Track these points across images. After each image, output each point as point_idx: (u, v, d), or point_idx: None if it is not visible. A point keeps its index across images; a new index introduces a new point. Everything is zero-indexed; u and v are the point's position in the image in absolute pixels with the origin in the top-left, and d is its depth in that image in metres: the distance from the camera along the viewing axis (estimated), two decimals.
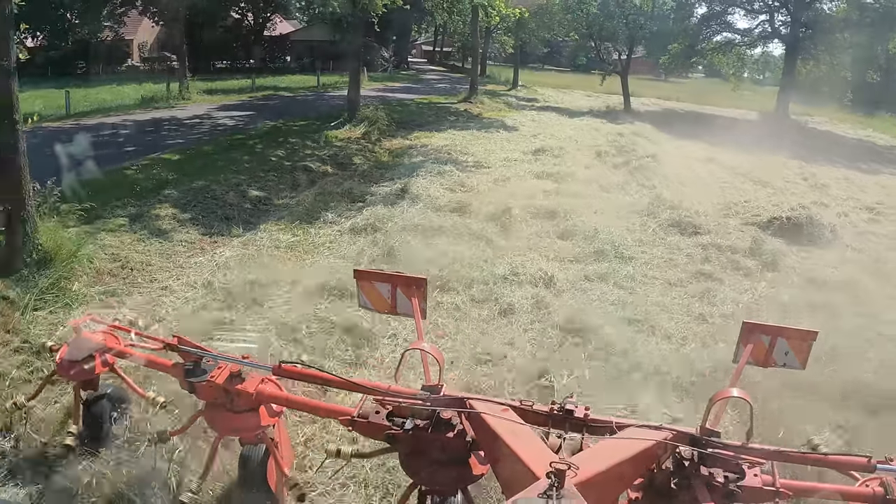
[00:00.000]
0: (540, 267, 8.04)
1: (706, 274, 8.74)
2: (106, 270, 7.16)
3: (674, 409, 5.34)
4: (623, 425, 3.06)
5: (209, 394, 3.55)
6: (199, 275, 7.35)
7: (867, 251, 11.52)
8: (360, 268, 4.44)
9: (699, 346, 6.48)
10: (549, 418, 3.17)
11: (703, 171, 16.69)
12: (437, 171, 12.90)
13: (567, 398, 3.28)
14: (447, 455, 3.09)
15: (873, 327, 7.72)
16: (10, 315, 6.08)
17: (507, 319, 6.64)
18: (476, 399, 3.22)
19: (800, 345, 3.77)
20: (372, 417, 3.25)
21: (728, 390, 3.10)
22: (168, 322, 6.20)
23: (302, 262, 8.06)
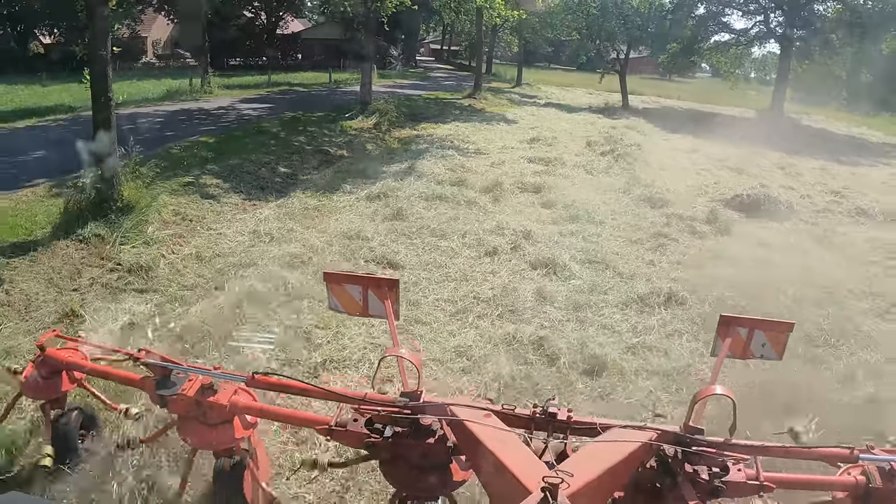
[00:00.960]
0: (522, 225, 9.94)
1: (663, 234, 10.60)
2: (171, 220, 9.12)
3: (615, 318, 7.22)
4: (606, 426, 3.11)
5: (181, 407, 3.50)
6: (245, 226, 9.31)
7: (820, 224, 13.31)
8: (330, 270, 4.42)
9: (643, 281, 8.34)
10: (531, 421, 3.19)
11: (685, 159, 18.48)
12: (441, 156, 14.80)
13: (549, 401, 3.29)
14: (428, 461, 3.11)
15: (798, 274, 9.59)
16: (103, 247, 8.05)
17: (491, 258, 8.57)
18: (457, 405, 3.21)
19: (776, 336, 3.88)
20: (350, 426, 3.24)
21: (711, 388, 3.12)
22: (226, 255, 8.15)
23: (327, 218, 9.99)
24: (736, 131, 27.00)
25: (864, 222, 13.94)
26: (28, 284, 6.98)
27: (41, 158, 13.04)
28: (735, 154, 20.67)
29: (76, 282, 7.23)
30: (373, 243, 8.66)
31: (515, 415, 3.21)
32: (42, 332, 4.81)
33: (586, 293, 7.64)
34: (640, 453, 2.94)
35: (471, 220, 10.15)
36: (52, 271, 7.35)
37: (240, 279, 7.22)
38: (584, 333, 6.58)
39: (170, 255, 7.99)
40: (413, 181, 12.13)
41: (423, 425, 3.08)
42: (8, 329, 6.24)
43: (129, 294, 7.09)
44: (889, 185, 19.10)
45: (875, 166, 23.87)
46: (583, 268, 8.42)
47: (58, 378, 4.08)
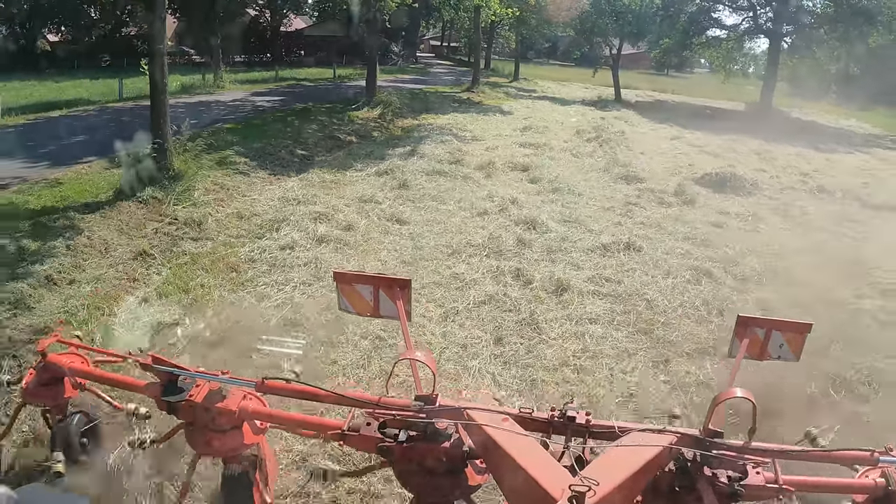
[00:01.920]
0: (510, 194, 11.76)
1: (633, 203, 12.41)
2: (212, 189, 10.92)
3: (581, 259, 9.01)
4: (625, 429, 3.10)
5: (189, 413, 3.49)
6: (273, 193, 11.13)
7: (780, 199, 15.06)
8: (339, 269, 4.42)
9: (608, 235, 10.13)
10: (549, 425, 3.18)
11: (666, 145, 20.26)
12: (440, 141, 16.59)
13: (567, 404, 3.28)
14: (444, 465, 3.10)
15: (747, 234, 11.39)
16: (160, 206, 9.87)
17: (482, 217, 10.40)
18: (474, 408, 3.20)
19: (794, 337, 3.88)
20: (363, 430, 3.23)
21: (731, 391, 3.10)
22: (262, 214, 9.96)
23: (343, 188, 11.79)
24: (722, 123, 28.66)
25: (823, 198, 15.66)
26: (103, 232, 8.79)
27: (84, 142, 14.87)
28: (715, 142, 22.43)
29: (142, 231, 9.05)
30: (383, 205, 10.51)
31: (533, 418, 3.19)
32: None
33: (559, 242, 9.45)
34: (661, 457, 2.93)
35: (466, 190, 11.97)
36: (121, 223, 9.17)
37: (277, 230, 9.04)
38: (554, 268, 8.40)
39: (215, 214, 9.80)
40: (416, 160, 13.93)
41: (439, 429, 3.08)
42: (94, 263, 8.05)
43: (186, 241, 8.91)
44: (858, 170, 20.76)
45: (851, 154, 25.38)
46: (558, 225, 10.23)
47: (60, 384, 4.05)
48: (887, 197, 15.88)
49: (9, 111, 19.22)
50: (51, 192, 10.30)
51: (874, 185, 17.53)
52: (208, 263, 8.12)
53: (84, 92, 26.15)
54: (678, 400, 5.73)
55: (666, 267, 8.90)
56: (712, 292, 8.18)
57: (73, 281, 7.48)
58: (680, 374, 6.17)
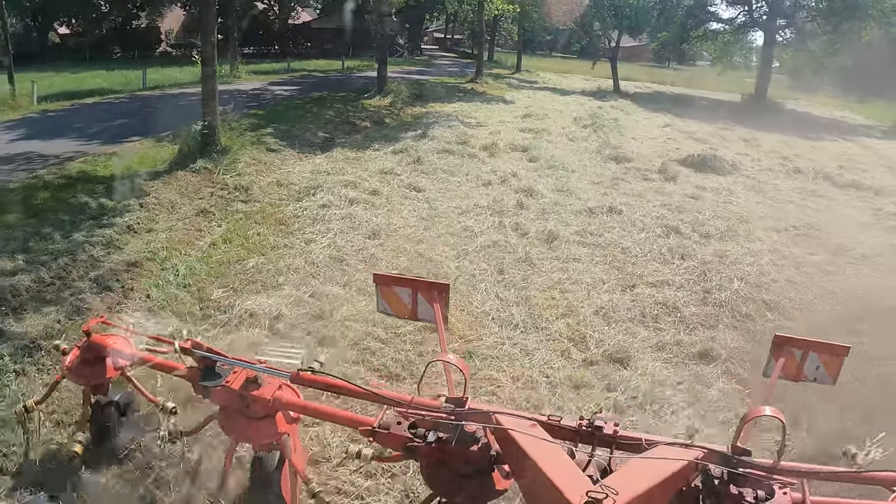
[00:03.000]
0: (511, 169, 13.56)
1: (620, 179, 14.21)
2: (251, 163, 12.71)
3: (569, 218, 10.81)
4: (653, 442, 3.13)
5: (224, 399, 3.61)
6: (305, 167, 12.95)
7: (757, 178, 16.81)
8: (380, 272, 4.53)
9: (594, 202, 11.92)
10: (577, 434, 3.23)
11: (657, 132, 22.01)
12: (448, 126, 18.36)
13: (595, 414, 3.31)
14: (470, 469, 3.17)
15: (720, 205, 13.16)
16: (211, 175, 11.67)
17: (486, 187, 12.23)
18: (502, 413, 3.25)
19: (831, 359, 3.88)
20: (393, 428, 3.31)
21: (760, 408, 3.09)
22: (298, 183, 11.77)
23: (365, 163, 13.61)
24: (715, 112, 30.31)
25: (796, 178, 17.41)
26: (167, 195, 10.60)
27: (125, 124, 16.71)
28: (705, 129, 24.15)
29: (200, 194, 10.87)
30: (401, 176, 12.34)
31: (561, 426, 3.24)
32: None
33: (552, 206, 11.29)
34: (686, 472, 2.94)
35: (472, 166, 13.79)
36: (180, 188, 10.99)
37: (313, 194, 10.88)
38: (547, 224, 10.24)
39: (259, 182, 11.62)
40: (427, 142, 15.74)
41: (467, 432, 3.13)
42: (164, 217, 9.83)
43: (237, 202, 10.73)
44: (838, 155, 22.35)
45: (836, 141, 26.72)
46: (552, 193, 12.05)
47: (101, 364, 4.22)
48: (856, 177, 17.57)
49: (42, 99, 21.07)
50: (114, 163, 12.12)
51: (848, 168, 19.15)
52: (260, 218, 9.95)
53: (103, 82, 27.91)
54: (638, 310, 7.56)
55: (641, 225, 10.73)
56: (678, 243, 10.00)
57: (150, 230, 9.28)
58: (643, 295, 8.00)
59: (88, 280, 7.64)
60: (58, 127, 16.05)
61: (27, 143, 13.99)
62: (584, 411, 5.58)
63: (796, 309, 8.46)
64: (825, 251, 11.16)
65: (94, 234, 8.79)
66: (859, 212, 14.42)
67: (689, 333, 7.21)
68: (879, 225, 13.44)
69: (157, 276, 7.88)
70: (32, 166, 12.05)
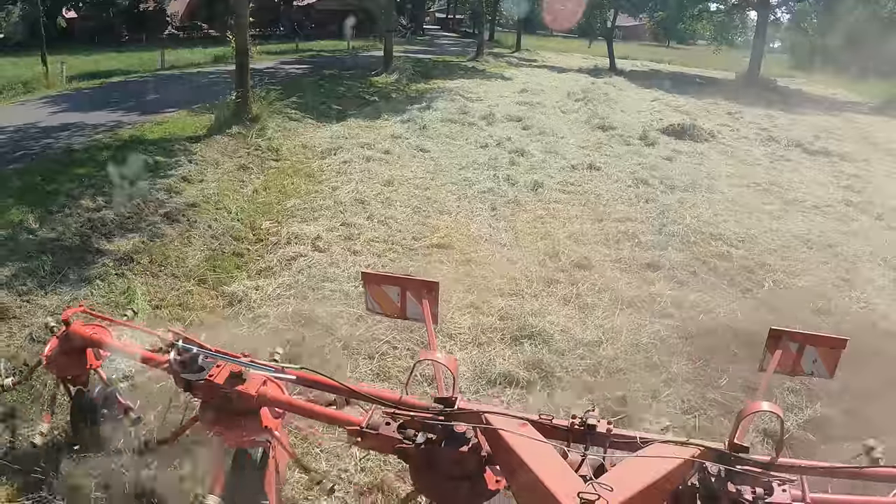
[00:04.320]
0: (506, 135, 15.53)
1: (604, 143, 16.16)
2: (278, 129, 14.68)
3: (554, 173, 12.78)
4: (647, 440, 3.11)
5: (207, 393, 3.57)
6: (324, 133, 14.94)
7: (732, 145, 18.67)
8: (368, 270, 4.48)
9: (577, 161, 13.88)
10: (569, 433, 3.22)
11: (646, 106, 23.86)
12: (450, 99, 20.30)
13: (588, 412, 3.29)
14: (461, 470, 3.15)
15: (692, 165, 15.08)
16: (244, 139, 13.64)
17: (484, 148, 14.22)
18: (493, 413, 3.24)
19: (828, 353, 3.88)
20: (382, 429, 3.30)
21: (758, 403, 3.11)
22: (320, 145, 13.74)
23: (377, 131, 15.58)
24: (706, 89, 31.88)
25: (769, 145, 19.25)
26: (210, 154, 12.58)
27: (157, 99, 18.66)
28: (693, 103, 25.92)
29: (237, 154, 12.84)
30: (410, 140, 14.32)
31: (553, 425, 3.24)
32: (68, 308, 4.75)
33: (540, 163, 13.29)
34: (682, 470, 2.93)
35: (472, 132, 15.78)
36: (220, 149, 12.96)
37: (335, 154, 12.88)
38: (534, 176, 12.23)
39: (286, 144, 13.62)
40: (431, 112, 17.70)
41: (457, 433, 3.14)
42: (211, 171, 11.78)
43: (270, 161, 12.72)
44: (817, 127, 23.98)
45: (820, 115, 27.75)
46: (541, 154, 14.02)
47: (80, 355, 4.18)
48: (827, 145, 19.39)
49: (69, 79, 23.01)
50: (158, 129, 14.10)
51: (822, 138, 20.83)
52: (291, 172, 11.96)
53: (118, 64, 29.72)
54: (603, 236, 9.57)
55: (615, 178, 12.73)
56: (645, 192, 12.00)
57: (201, 180, 11.25)
58: (608, 226, 10.03)
59: (159, 215, 9.63)
60: (96, 102, 17.99)
61: (74, 115, 15.95)
62: (553, 300, 7.62)
63: (739, 240, 10.39)
64: (779, 202, 13.09)
65: (157, 183, 10.79)
66: (822, 173, 16.21)
67: (642, 252, 9.22)
68: (836, 183, 15.26)
69: (214, 213, 9.89)
70: (86, 133, 14.01)
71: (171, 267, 8.24)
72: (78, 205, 9.64)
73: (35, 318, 6.70)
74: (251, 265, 8.31)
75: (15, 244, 8.31)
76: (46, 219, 9.05)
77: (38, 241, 8.48)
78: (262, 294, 7.37)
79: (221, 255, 8.64)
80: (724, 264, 9.30)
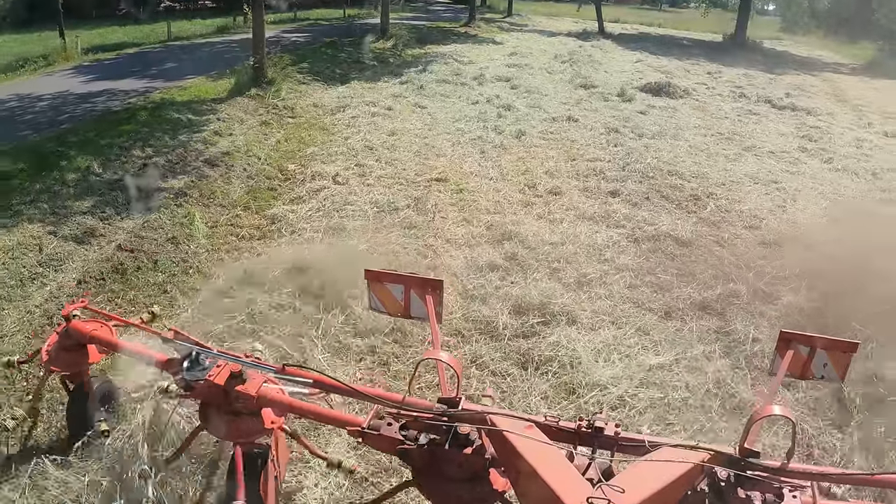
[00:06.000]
0: (495, 94, 17.44)
1: (584, 100, 18.06)
2: (291, 91, 16.55)
3: (536, 124, 14.73)
4: (656, 444, 3.13)
5: (206, 393, 3.59)
6: (331, 94, 16.83)
7: (705, 101, 20.52)
8: (371, 268, 4.43)
9: (558, 114, 15.80)
10: (576, 435, 3.22)
11: (629, 67, 25.63)
12: (444, 63, 22.11)
13: (595, 414, 3.31)
14: (464, 472, 3.16)
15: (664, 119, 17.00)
16: (262, 100, 15.52)
17: (475, 105, 16.17)
18: (498, 414, 3.25)
19: (839, 356, 3.88)
20: (384, 430, 3.30)
21: (769, 407, 3.10)
22: (330, 104, 15.64)
23: (379, 91, 17.46)
24: (691, 51, 33.41)
25: (740, 101, 21.12)
26: (234, 113, 14.48)
27: (175, 67, 20.42)
28: (675, 64, 27.64)
29: (258, 112, 14.75)
30: (409, 98, 16.25)
31: (559, 428, 3.23)
32: (67, 302, 5.07)
33: (524, 116, 15.25)
34: (692, 475, 2.93)
35: (464, 91, 17.69)
36: (242, 108, 14.86)
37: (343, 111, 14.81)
38: (519, 126, 14.23)
39: (300, 104, 15.51)
40: (427, 75, 19.57)
41: (461, 434, 3.12)
42: (237, 127, 13.69)
43: (287, 118, 14.62)
44: (791, 85, 25.69)
45: (799, 75, 29.38)
46: (526, 108, 15.98)
47: (82, 351, 4.24)
48: (795, 101, 21.22)
49: (84, 51, 24.66)
50: (184, 93, 15.95)
51: (794, 95, 22.60)
52: (307, 126, 13.90)
53: (123, 36, 31.17)
54: (574, 171, 11.58)
55: (590, 128, 14.68)
56: (615, 138, 13.98)
57: (230, 134, 13.18)
58: (580, 165, 12.05)
59: (200, 161, 11.59)
60: (119, 71, 19.74)
61: (103, 83, 17.73)
62: (529, 216, 9.65)
63: (693, 176, 12.39)
64: (738, 148, 15.02)
65: (193, 137, 12.73)
66: (785, 125, 18.08)
67: (606, 183, 11.23)
68: (796, 134, 17.15)
69: (246, 159, 11.85)
70: (120, 98, 15.86)
71: (218, 199, 10.25)
72: (130, 154, 11.58)
73: (116, 236, 8.74)
74: (284, 195, 10.32)
75: (88, 184, 10.29)
76: (108, 165, 11.00)
77: (105, 181, 10.45)
78: (297, 215, 9.40)
79: (258, 189, 10.64)
80: (675, 193, 11.32)
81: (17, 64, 22.11)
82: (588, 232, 9.13)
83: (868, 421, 5.48)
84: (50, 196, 9.63)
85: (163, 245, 8.57)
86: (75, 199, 9.67)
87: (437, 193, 10.28)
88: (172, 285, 7.64)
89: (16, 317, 6.79)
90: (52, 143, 12.04)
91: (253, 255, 8.31)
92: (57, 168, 10.64)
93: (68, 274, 7.76)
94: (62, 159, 11.04)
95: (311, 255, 7.71)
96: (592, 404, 5.77)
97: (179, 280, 7.80)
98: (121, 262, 8.06)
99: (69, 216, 9.08)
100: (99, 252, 8.32)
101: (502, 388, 5.96)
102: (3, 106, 15.17)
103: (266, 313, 6.64)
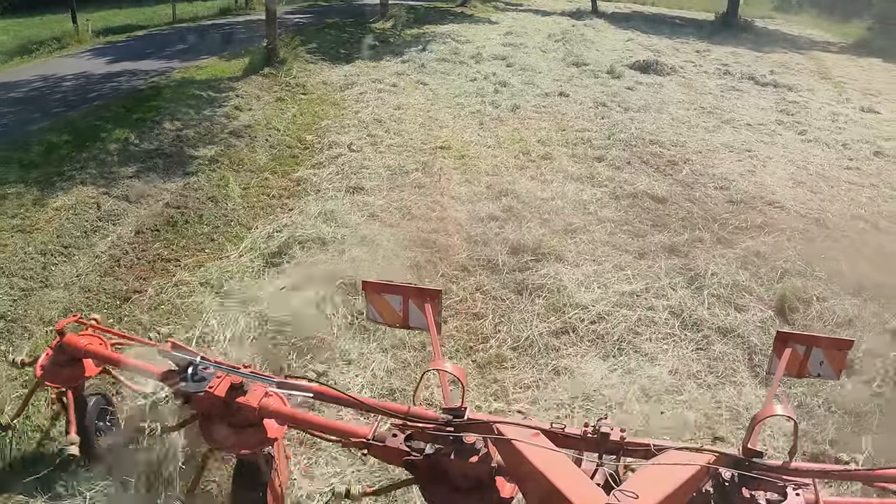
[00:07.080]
0: (492, 71, 18.72)
1: (577, 77, 19.35)
2: (301, 70, 17.81)
3: (530, 99, 16.07)
4: (661, 448, 3.20)
5: (206, 406, 3.58)
6: (339, 73, 18.09)
7: (691, 78, 21.80)
8: (368, 279, 4.46)
9: (550, 90, 17.13)
10: (582, 441, 3.26)
11: (619, 45, 26.82)
12: (442, 42, 23.31)
13: (601, 419, 3.34)
14: (470, 482, 3.20)
15: (650, 94, 18.31)
16: (275, 78, 16.79)
17: (473, 82, 17.49)
18: (503, 422, 3.28)
19: (834, 354, 3.96)
20: (389, 441, 3.33)
21: (771, 407, 3.19)
22: (339, 81, 16.94)
23: (382, 70, 18.74)
24: (682, 29, 34.54)
25: (724, 78, 22.39)
26: (251, 90, 15.76)
27: (187, 48, 21.62)
28: (665, 42, 28.74)
29: (272, 89, 16.03)
30: (411, 76, 17.54)
31: (565, 434, 3.26)
32: (62, 316, 5.18)
33: (519, 92, 16.58)
34: (698, 477, 3.01)
35: (462, 69, 18.98)
36: (257, 86, 16.14)
37: (351, 87, 16.13)
38: (514, 101, 15.57)
39: (310, 81, 16.79)
40: (427, 54, 20.82)
41: (467, 444, 3.16)
42: (254, 103, 14.97)
43: (299, 94, 15.91)
44: (777, 63, 26.81)
45: (787, 53, 30.18)
46: (521, 84, 17.30)
47: (77, 365, 4.21)
48: (778, 78, 22.47)
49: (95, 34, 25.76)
50: (202, 72, 17.22)
51: (778, 72, 23.75)
52: (319, 102, 15.22)
53: (127, 19, 32.15)
54: (564, 140, 12.96)
55: (580, 102, 16.02)
56: (603, 112, 15.33)
57: (250, 109, 14.48)
58: (569, 135, 13.41)
59: (226, 133, 12.92)
60: (135, 52, 20.92)
61: (122, 64, 18.94)
62: (523, 177, 11.03)
63: (672, 144, 13.76)
64: (717, 121, 16.32)
65: (216, 111, 14.03)
66: (765, 101, 19.36)
67: (593, 150, 12.61)
68: (775, 108, 18.42)
69: (266, 131, 13.17)
70: (141, 77, 17.12)
71: (246, 165, 11.60)
72: (162, 127, 12.91)
73: (162, 196, 10.10)
74: (306, 162, 11.67)
75: (129, 153, 11.64)
76: (144, 136, 12.34)
77: (144, 150, 11.80)
78: (319, 177, 10.77)
79: (281, 157, 11.99)
80: (654, 159, 12.70)
81: (31, 47, 23.30)
82: (574, 190, 10.53)
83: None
84: (97, 163, 10.98)
85: (204, 203, 9.94)
86: (119, 165, 11.03)
87: (441, 159, 11.65)
88: (218, 234, 9.03)
89: (86, 261, 8.21)
90: (88, 118, 13.36)
91: (285, 210, 9.68)
92: (98, 140, 11.98)
93: (125, 227, 9.16)
94: (101, 132, 12.38)
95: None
96: (576, 320, 7.21)
97: (223, 230, 9.19)
98: (171, 216, 9.46)
99: (117, 180, 10.45)
100: (149, 209, 9.69)
101: (502, 308, 7.40)
102: (30, 86, 16.45)
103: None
